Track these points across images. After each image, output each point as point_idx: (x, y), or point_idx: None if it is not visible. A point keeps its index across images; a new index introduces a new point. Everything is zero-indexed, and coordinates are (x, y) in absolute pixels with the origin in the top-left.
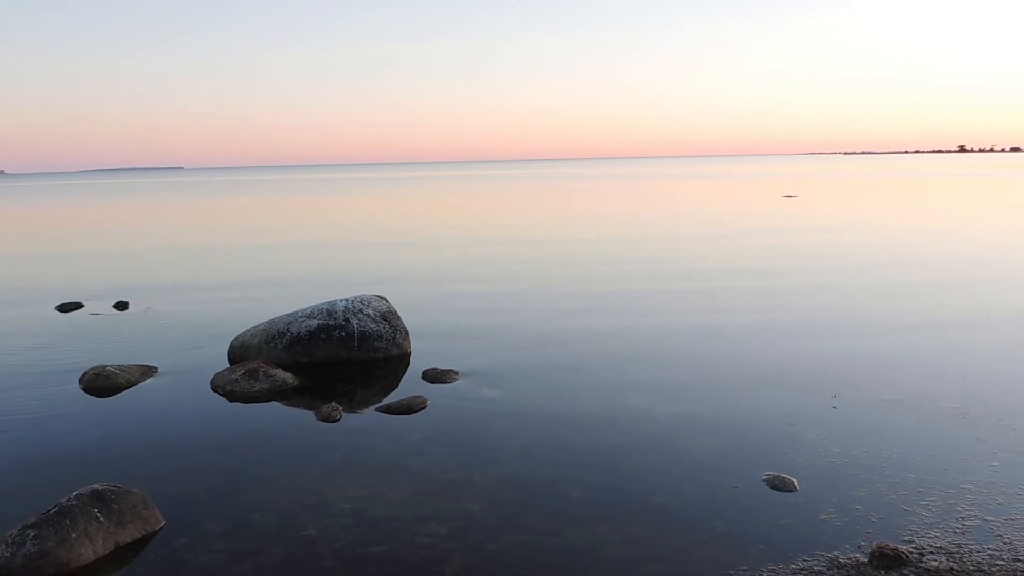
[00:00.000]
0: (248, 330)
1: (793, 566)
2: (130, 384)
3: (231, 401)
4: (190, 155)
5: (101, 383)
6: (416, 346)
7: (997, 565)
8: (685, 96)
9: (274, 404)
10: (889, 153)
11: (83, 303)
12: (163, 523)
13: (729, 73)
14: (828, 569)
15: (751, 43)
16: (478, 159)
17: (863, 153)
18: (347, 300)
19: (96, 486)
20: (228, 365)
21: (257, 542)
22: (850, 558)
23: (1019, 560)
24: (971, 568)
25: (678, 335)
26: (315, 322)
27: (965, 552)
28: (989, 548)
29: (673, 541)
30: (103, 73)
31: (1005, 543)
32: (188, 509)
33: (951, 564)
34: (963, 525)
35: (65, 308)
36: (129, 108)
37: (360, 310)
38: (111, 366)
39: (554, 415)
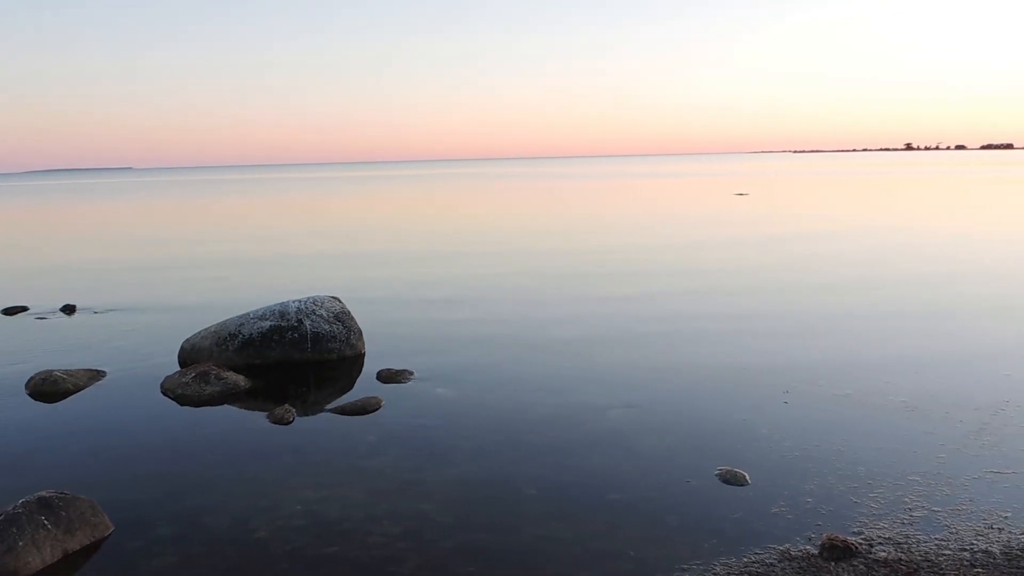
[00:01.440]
0: (199, 332)
1: (745, 559)
2: (77, 389)
3: (181, 405)
4: (140, 155)
5: (48, 388)
6: (370, 347)
7: (944, 555)
8: (637, 97)
9: (226, 407)
10: (838, 151)
11: (28, 307)
12: (112, 529)
13: (684, 72)
14: (779, 562)
15: (703, 43)
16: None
17: (812, 151)
18: (300, 301)
19: (43, 493)
20: (178, 368)
21: (209, 546)
22: (801, 550)
23: (965, 549)
24: (918, 558)
25: (631, 334)
26: (267, 324)
27: (913, 542)
28: (936, 538)
29: (627, 537)
30: (44, 70)
31: (952, 533)
32: (138, 514)
33: (899, 554)
34: (911, 516)
35: (10, 312)
36: (74, 107)
37: (313, 311)
38: (58, 371)
39: (509, 414)
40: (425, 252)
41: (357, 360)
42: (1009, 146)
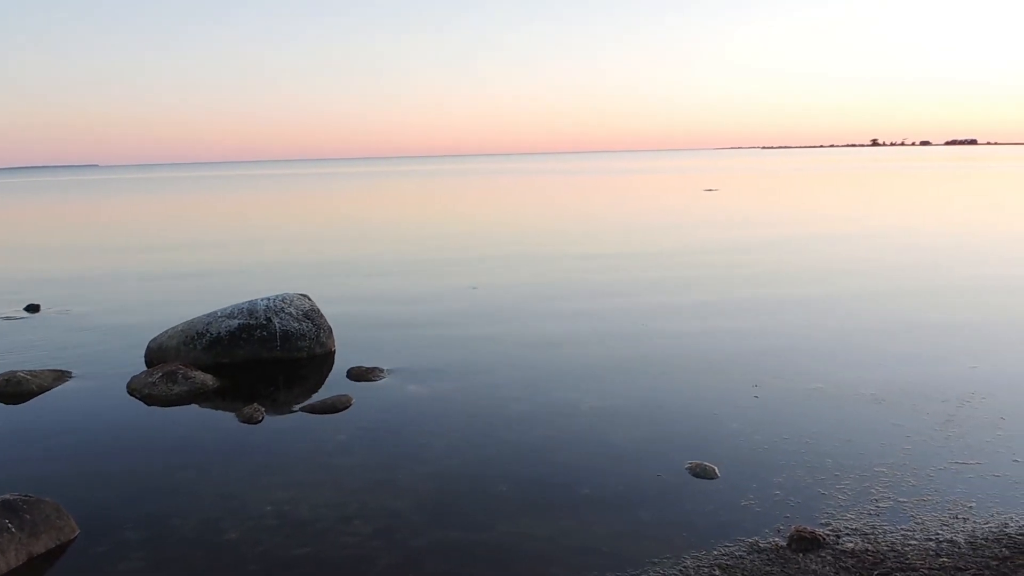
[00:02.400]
0: (166, 331)
1: (715, 552)
2: (42, 390)
3: (149, 405)
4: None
5: (11, 389)
6: (340, 344)
7: (910, 545)
8: (606, 94)
9: (194, 407)
10: (805, 147)
11: None
12: (78, 532)
13: (653, 70)
14: (749, 554)
15: (671, 42)
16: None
17: (780, 147)
18: (268, 299)
19: (7, 496)
20: (145, 368)
21: (177, 549)
22: (770, 542)
23: (930, 539)
24: (885, 548)
25: (602, 329)
26: (235, 322)
27: (879, 533)
28: (902, 529)
29: (599, 532)
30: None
31: (917, 523)
32: (105, 517)
33: (866, 545)
34: (878, 507)
35: None
36: (37, 104)
37: (282, 309)
38: (22, 371)
39: (480, 411)
40: (396, 249)
41: (327, 358)
42: (973, 142)
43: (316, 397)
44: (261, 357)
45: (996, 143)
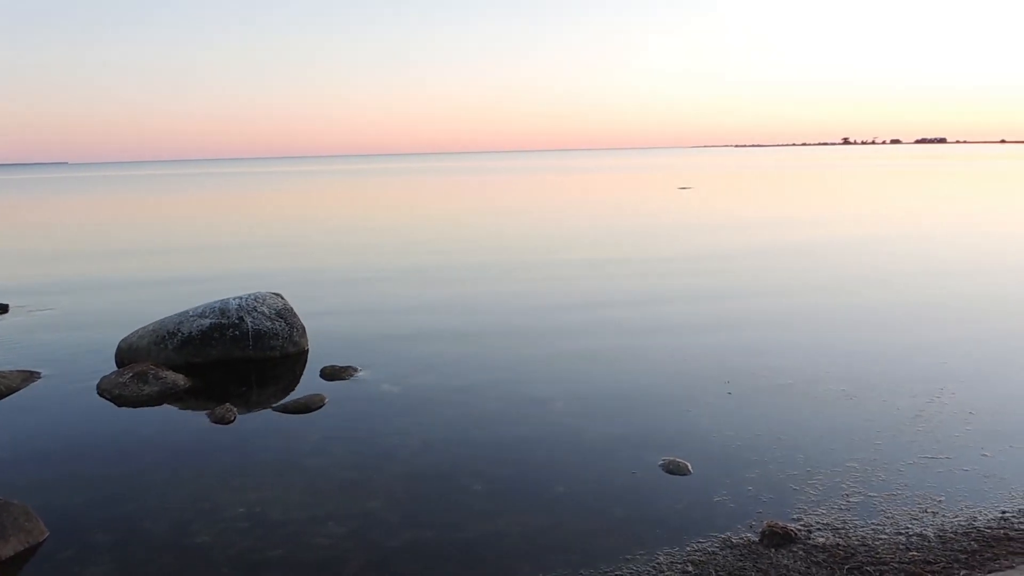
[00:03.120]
0: (136, 331)
1: (688, 548)
2: (10, 391)
3: (119, 406)
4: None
5: None
6: (314, 343)
7: (880, 539)
8: (586, 91)
9: (165, 407)
10: (778, 146)
11: None
12: (47, 535)
13: (626, 70)
14: (721, 550)
15: (645, 41)
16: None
17: (753, 146)
18: (241, 298)
19: None
20: (115, 368)
21: (148, 552)
22: (742, 538)
23: (900, 533)
24: (856, 543)
25: (576, 326)
26: (207, 321)
27: (850, 528)
28: (872, 523)
29: (573, 529)
30: None
31: (887, 518)
32: (74, 520)
33: (837, 540)
34: (848, 502)
35: None
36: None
37: (254, 308)
38: None
39: (454, 409)
40: (370, 248)
41: (300, 357)
42: (942, 140)
43: (289, 397)
44: (233, 357)
45: (965, 141)
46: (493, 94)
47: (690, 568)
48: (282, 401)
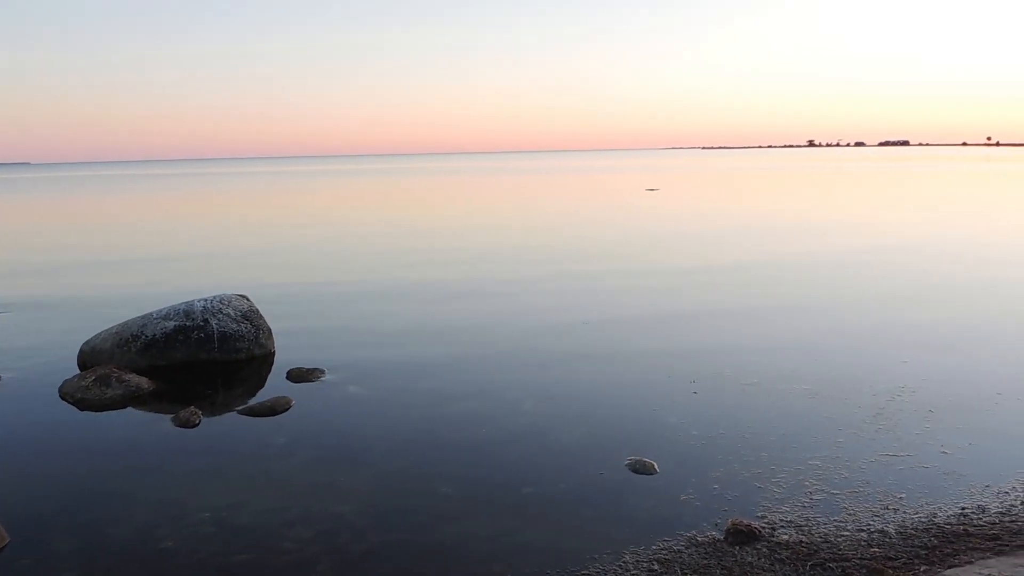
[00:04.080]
0: (99, 334)
1: (655, 547)
2: None
3: (81, 410)
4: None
5: None
6: (280, 345)
7: (842, 536)
8: (549, 93)
9: (129, 411)
10: (744, 147)
11: None
12: (8, 541)
13: (597, 72)
14: (687, 548)
15: (616, 44)
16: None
17: (720, 147)
18: (206, 300)
19: None
20: (78, 372)
21: (112, 559)
22: (707, 536)
23: (862, 530)
24: (818, 539)
25: (543, 326)
26: (171, 323)
27: (813, 525)
28: (835, 520)
29: (541, 530)
30: None
31: (850, 515)
32: (36, 526)
33: (800, 536)
34: (812, 499)
35: None
36: None
37: (220, 310)
38: None
39: (423, 411)
40: (338, 249)
41: (266, 359)
42: (905, 143)
43: (255, 399)
44: (198, 359)
45: (927, 144)
46: (462, 97)
47: (656, 567)
48: (248, 404)
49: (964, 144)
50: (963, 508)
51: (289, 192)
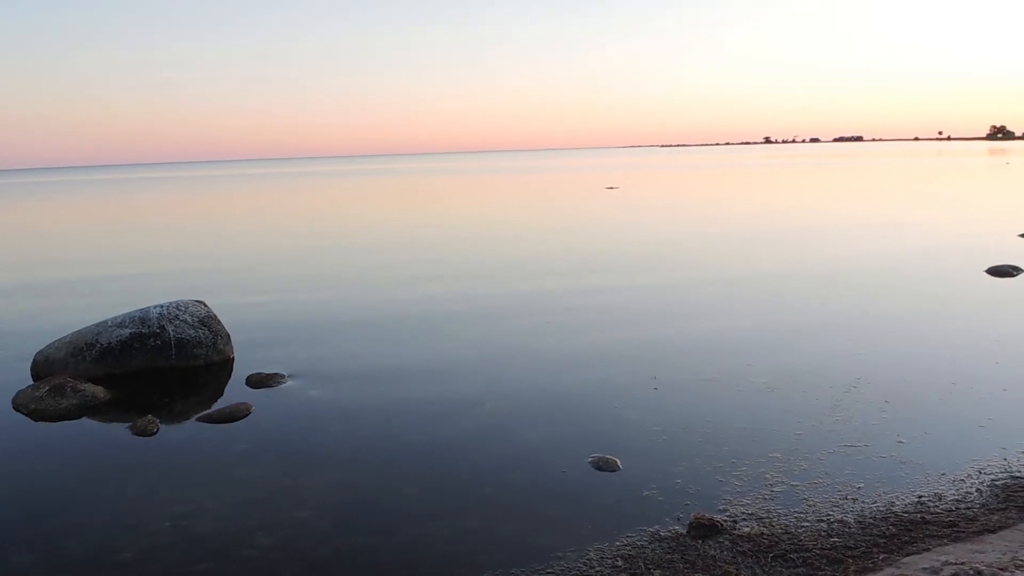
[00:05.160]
0: (52, 343)
1: (618, 543)
2: None
3: (35, 421)
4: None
5: None
6: (239, 351)
7: (803, 527)
8: (509, 92)
9: (84, 421)
10: (702, 145)
11: None
12: None
13: (553, 72)
14: (650, 543)
15: (569, 40)
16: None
17: (678, 145)
18: (162, 306)
19: None
20: (31, 382)
21: (69, 571)
22: (670, 531)
23: (822, 521)
24: (779, 531)
25: (505, 326)
26: (127, 331)
27: (774, 516)
28: (795, 511)
29: (505, 529)
30: None
31: (810, 506)
32: None
33: (762, 529)
34: (772, 491)
35: None
36: None
37: (176, 316)
38: None
39: (385, 413)
40: (298, 253)
41: (225, 365)
42: (859, 138)
43: (214, 406)
44: (155, 367)
45: (880, 139)
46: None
47: (620, 563)
48: (207, 411)
49: (916, 139)
50: (920, 496)
51: (261, 195)
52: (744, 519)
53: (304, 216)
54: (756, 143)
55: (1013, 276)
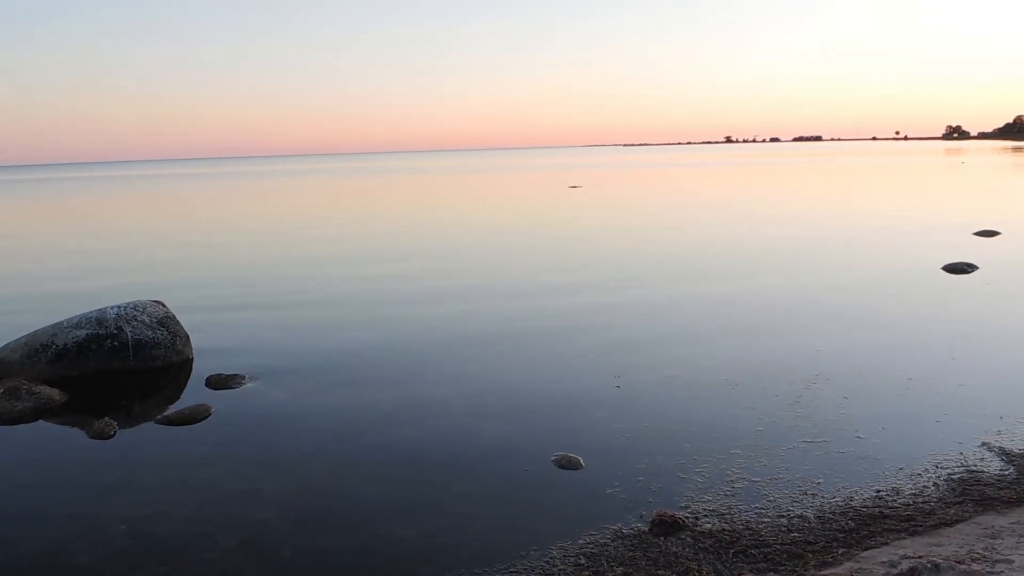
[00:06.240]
0: (7, 344)
1: (581, 541)
2: None
3: None
4: None
5: None
6: (199, 352)
7: (763, 522)
8: (476, 92)
9: (40, 424)
10: (664, 144)
11: None
12: None
13: (517, 70)
14: (613, 541)
15: (532, 44)
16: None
17: (640, 144)
18: (119, 307)
19: None
20: None
21: (24, 574)
22: (633, 528)
23: (782, 516)
24: (741, 527)
25: (468, 325)
26: (83, 332)
27: (735, 513)
28: (756, 507)
29: (468, 529)
30: None
31: (770, 501)
32: None
33: (723, 525)
34: (733, 488)
35: None
36: None
37: (134, 317)
38: None
39: (348, 414)
40: (258, 253)
41: (184, 366)
42: (818, 138)
43: (173, 408)
44: (112, 368)
45: (839, 139)
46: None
47: (583, 561)
48: (165, 413)
49: (874, 139)
50: (878, 491)
51: (231, 193)
52: (706, 516)
53: (270, 215)
54: (718, 143)
55: (968, 273)
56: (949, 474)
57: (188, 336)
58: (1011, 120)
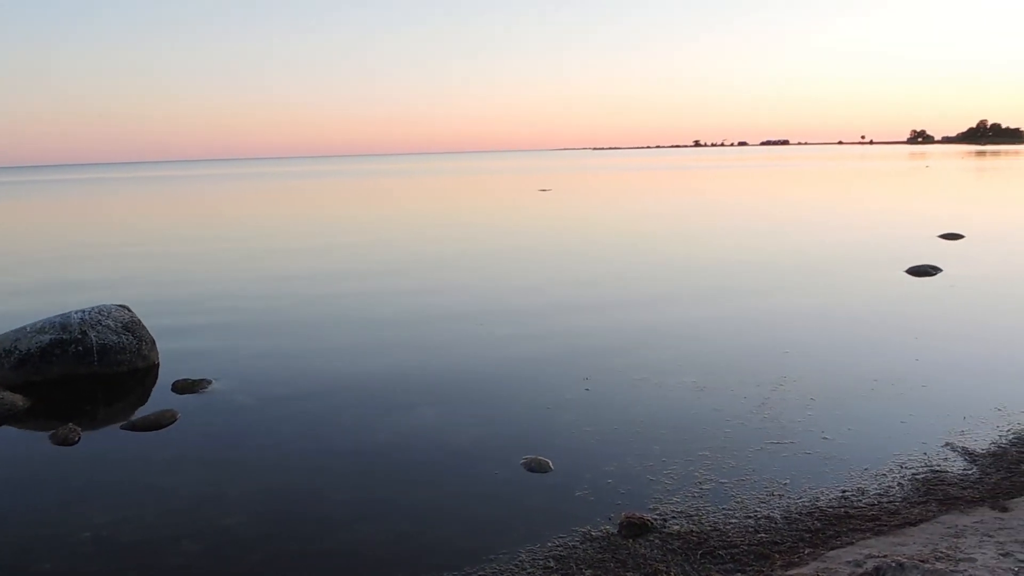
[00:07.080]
0: None
1: (550, 544)
2: None
3: None
4: None
5: None
6: (165, 357)
7: (731, 523)
8: (448, 94)
9: (3, 429)
10: (633, 148)
11: None
12: None
13: (486, 74)
14: (582, 543)
15: (499, 45)
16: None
17: (610, 148)
18: (83, 311)
19: None
20: None
21: None
22: (601, 530)
23: (750, 517)
24: (708, 528)
25: (436, 329)
26: (47, 337)
27: (703, 514)
28: (724, 508)
29: (437, 533)
30: None
31: (738, 503)
32: None
33: (691, 526)
34: (701, 489)
35: None
36: None
37: (99, 321)
38: None
39: (315, 418)
40: (225, 258)
41: (150, 371)
42: (785, 142)
43: (138, 413)
44: (77, 373)
45: (805, 143)
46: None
47: (552, 563)
48: (131, 418)
49: (840, 143)
50: (844, 491)
51: (206, 197)
52: (674, 517)
53: (241, 219)
54: (686, 146)
55: (932, 276)
56: (913, 474)
57: (154, 341)
58: (974, 124)
